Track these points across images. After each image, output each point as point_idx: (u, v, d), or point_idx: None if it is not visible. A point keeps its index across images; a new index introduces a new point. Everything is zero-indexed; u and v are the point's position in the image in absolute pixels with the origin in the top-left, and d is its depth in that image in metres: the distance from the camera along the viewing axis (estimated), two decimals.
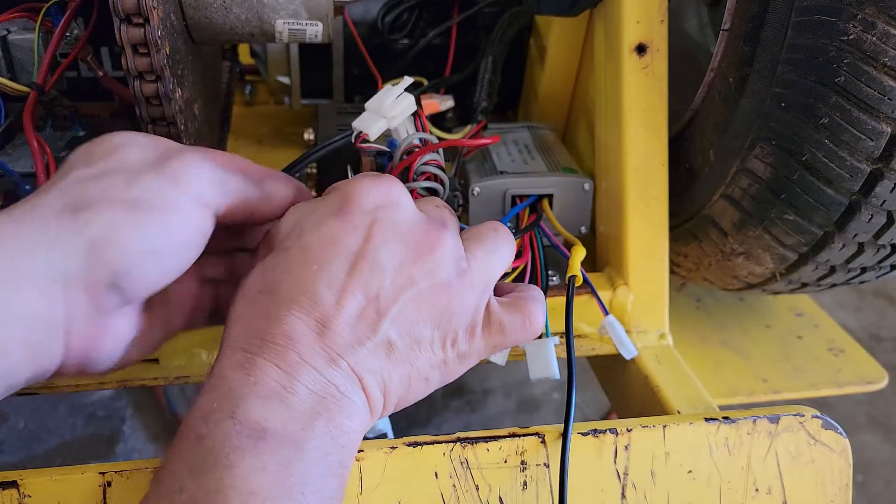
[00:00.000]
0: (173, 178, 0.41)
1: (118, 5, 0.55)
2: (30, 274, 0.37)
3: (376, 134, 0.59)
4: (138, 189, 0.40)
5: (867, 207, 0.61)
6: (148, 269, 0.40)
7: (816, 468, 0.57)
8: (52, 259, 0.37)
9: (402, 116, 0.61)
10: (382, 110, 0.60)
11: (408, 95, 0.60)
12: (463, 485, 0.53)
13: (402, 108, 0.60)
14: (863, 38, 0.55)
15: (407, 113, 0.61)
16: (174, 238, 0.40)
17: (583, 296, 0.69)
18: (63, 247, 0.38)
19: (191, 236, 0.41)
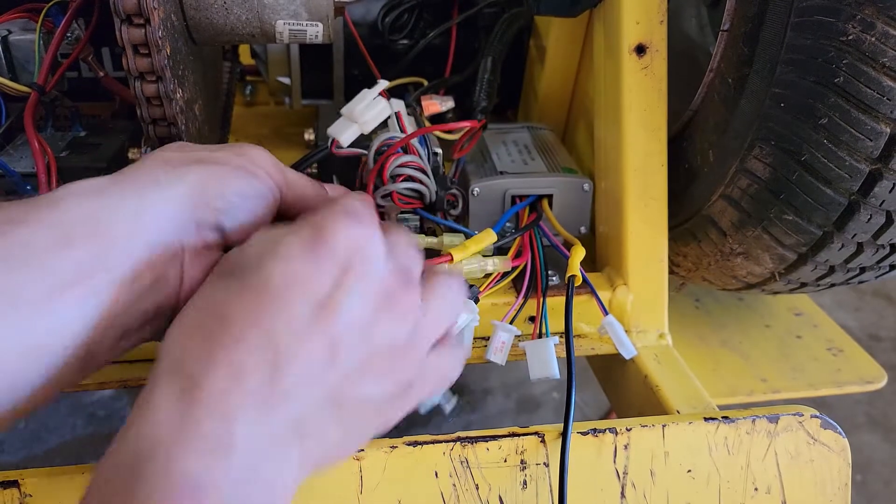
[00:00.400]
0: (246, 156, 0.46)
1: (119, 6, 0.55)
2: (150, 208, 0.41)
3: (348, 140, 0.60)
4: (218, 155, 0.45)
5: (866, 207, 0.61)
6: (239, 212, 0.45)
7: (815, 468, 0.57)
8: (166, 198, 0.42)
9: (375, 121, 0.61)
10: (354, 115, 0.60)
11: (381, 100, 0.61)
12: (463, 484, 0.53)
13: (375, 112, 0.60)
14: (862, 39, 0.55)
15: (381, 117, 0.61)
16: (253, 190, 0.45)
17: (582, 296, 0.69)
18: (172, 190, 0.42)
19: (264, 193, 0.46)
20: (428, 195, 0.66)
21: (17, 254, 0.37)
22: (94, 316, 0.39)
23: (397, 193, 0.64)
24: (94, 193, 0.41)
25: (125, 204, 0.41)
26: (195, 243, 0.43)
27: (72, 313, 0.38)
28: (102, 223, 0.39)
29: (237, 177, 0.45)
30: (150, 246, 0.41)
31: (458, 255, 0.64)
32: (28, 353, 0.37)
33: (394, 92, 0.88)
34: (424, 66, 0.96)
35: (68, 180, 0.66)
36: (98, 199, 0.40)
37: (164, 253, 0.42)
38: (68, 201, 0.40)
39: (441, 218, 0.68)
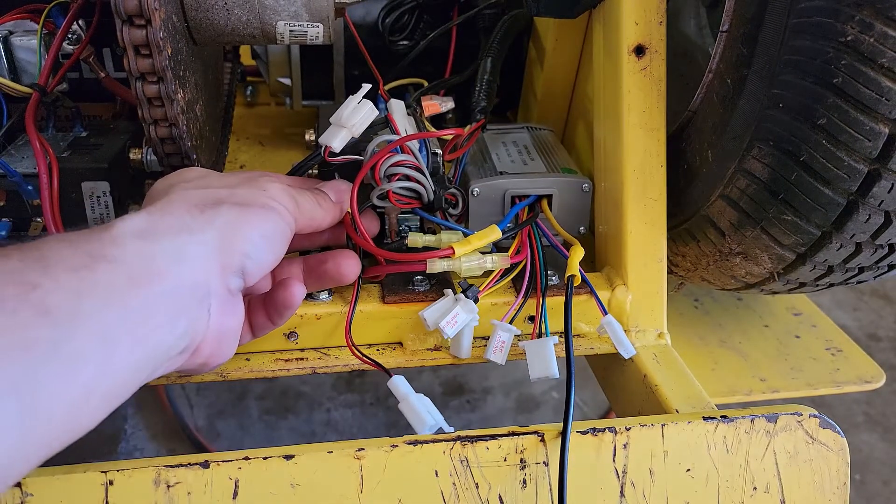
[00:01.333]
0: (261, 189, 0.50)
1: (120, 7, 0.55)
2: (183, 253, 0.44)
3: (340, 145, 0.61)
4: (240, 194, 0.49)
5: (865, 208, 0.61)
6: (262, 253, 0.48)
7: (814, 467, 0.58)
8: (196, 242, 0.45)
9: (363, 123, 0.61)
10: (342, 121, 0.61)
11: (366, 102, 0.61)
12: (463, 483, 0.54)
13: (362, 115, 0.61)
14: (860, 40, 0.55)
15: (368, 119, 0.62)
16: (275, 228, 0.49)
17: (582, 295, 0.69)
18: (201, 234, 0.45)
19: (284, 230, 0.50)
20: (425, 194, 0.66)
21: (103, 291, 0.40)
22: (144, 358, 0.42)
23: (393, 193, 0.64)
24: (145, 235, 0.44)
25: (167, 247, 0.44)
26: (218, 288, 0.46)
27: (130, 358, 0.41)
28: (159, 265, 0.43)
29: (261, 218, 0.48)
30: (190, 289, 0.44)
31: (459, 249, 0.64)
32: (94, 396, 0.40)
33: (394, 93, 0.88)
34: (424, 67, 0.96)
35: (69, 181, 0.67)
36: (151, 242, 0.43)
37: (196, 297, 0.44)
38: (129, 242, 0.43)
39: (441, 217, 0.68)
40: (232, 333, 0.50)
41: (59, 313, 0.37)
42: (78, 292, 0.38)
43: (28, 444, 0.35)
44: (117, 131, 0.76)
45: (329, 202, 0.58)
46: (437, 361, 0.68)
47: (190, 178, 0.51)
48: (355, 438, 0.55)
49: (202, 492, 0.51)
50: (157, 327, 0.42)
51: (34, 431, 0.35)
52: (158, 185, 0.51)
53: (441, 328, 0.62)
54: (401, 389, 0.59)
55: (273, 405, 1.54)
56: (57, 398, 0.36)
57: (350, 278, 0.62)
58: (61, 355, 0.36)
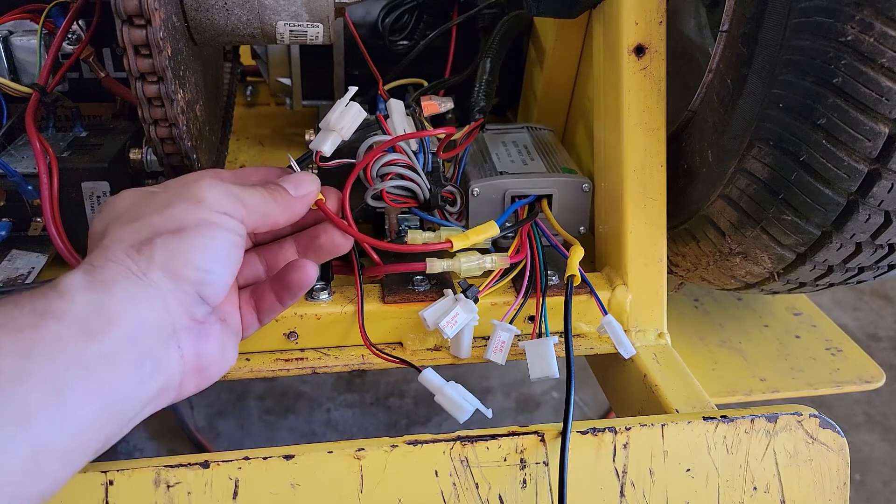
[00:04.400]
0: (196, 200, 0.47)
1: (120, 7, 0.55)
2: (135, 297, 0.43)
3: (330, 149, 0.61)
4: (174, 217, 0.46)
5: (865, 207, 0.61)
6: (216, 274, 0.47)
7: (814, 467, 0.58)
8: (145, 285, 0.44)
9: (352, 126, 0.61)
10: (331, 125, 0.61)
11: (353, 104, 0.61)
12: (463, 483, 0.54)
13: (350, 117, 0.61)
14: (860, 39, 0.55)
15: (357, 121, 0.62)
16: (220, 244, 0.47)
17: (581, 295, 0.69)
18: (146, 275, 0.44)
19: (231, 241, 0.48)
20: (420, 193, 0.66)
21: (52, 348, 0.39)
22: (106, 410, 0.41)
23: (387, 192, 0.64)
24: (93, 287, 0.43)
25: (117, 294, 0.43)
26: (184, 321, 0.46)
27: (89, 411, 0.40)
28: (111, 313, 0.42)
29: (202, 240, 0.46)
30: (145, 334, 0.43)
31: (458, 242, 0.64)
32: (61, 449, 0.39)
33: (394, 93, 0.88)
34: (424, 67, 0.96)
35: (69, 181, 0.67)
36: (100, 292, 0.42)
37: (159, 340, 0.44)
38: (77, 295, 0.42)
39: (439, 216, 0.68)
40: (216, 355, 0.49)
41: (5, 377, 0.36)
42: (25, 353, 0.38)
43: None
44: (117, 131, 0.76)
45: (286, 197, 0.54)
46: (437, 361, 0.68)
47: (120, 212, 0.48)
48: (355, 438, 0.55)
49: (202, 492, 0.51)
50: (120, 376, 0.41)
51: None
52: (94, 226, 0.49)
53: (441, 328, 0.62)
54: (434, 382, 0.60)
55: (273, 405, 1.54)
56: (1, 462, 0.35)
57: (345, 247, 0.60)
58: (5, 417, 0.36)
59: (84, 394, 0.39)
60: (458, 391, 0.59)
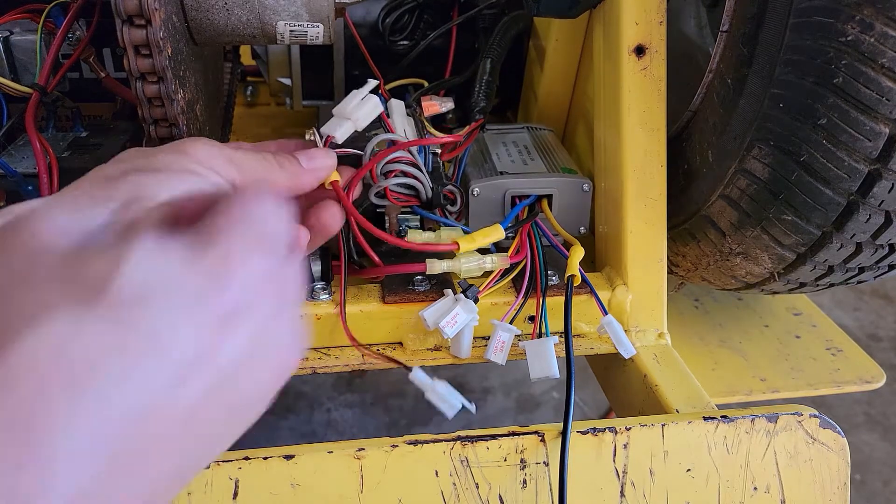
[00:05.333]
0: (183, 152, 0.45)
1: (120, 7, 0.55)
2: (85, 223, 0.39)
3: (343, 136, 0.60)
4: (156, 161, 0.44)
5: (865, 208, 0.61)
6: (177, 219, 0.42)
7: (814, 467, 0.58)
8: (100, 213, 0.40)
9: (368, 117, 0.61)
10: (347, 113, 0.60)
11: (372, 97, 0.61)
12: (463, 483, 0.54)
13: (367, 109, 0.61)
14: (861, 39, 0.55)
15: (374, 114, 0.61)
16: (191, 189, 0.43)
17: (582, 295, 0.69)
18: (105, 203, 0.41)
19: (207, 192, 0.44)
20: (423, 191, 0.66)
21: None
22: None
23: (391, 190, 0.64)
24: (50, 203, 0.39)
25: (66, 222, 0.39)
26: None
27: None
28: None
29: (173, 181, 0.43)
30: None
31: (464, 245, 0.64)
32: None
33: (394, 93, 0.88)
34: (424, 67, 0.96)
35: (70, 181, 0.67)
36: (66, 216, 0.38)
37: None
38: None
39: (439, 215, 0.68)
40: None
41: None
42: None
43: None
44: (117, 131, 0.76)
45: (294, 166, 0.51)
46: (437, 361, 0.68)
47: (119, 158, 0.46)
48: (355, 438, 0.55)
49: (202, 492, 0.51)
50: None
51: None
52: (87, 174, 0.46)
53: (441, 328, 0.62)
54: (424, 380, 0.60)
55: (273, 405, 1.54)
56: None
57: (336, 226, 0.56)
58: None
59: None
60: (448, 389, 0.59)
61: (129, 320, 0.30)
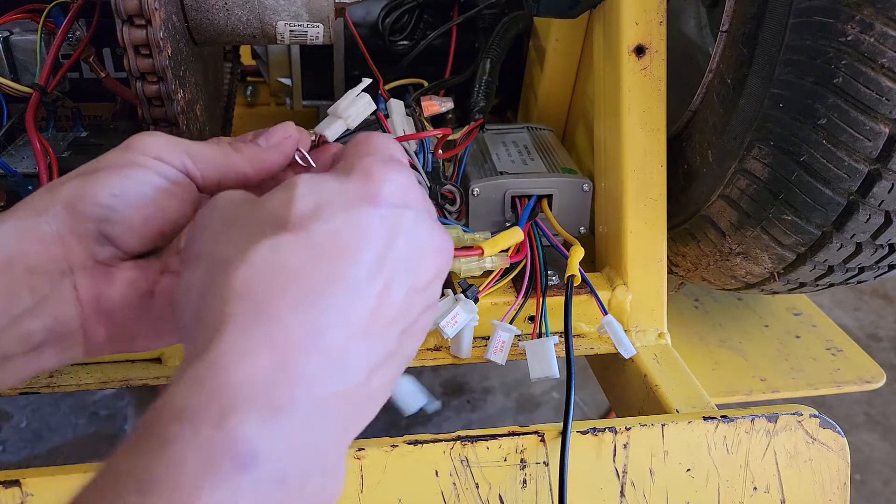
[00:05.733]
0: (127, 147, 0.44)
1: (120, 7, 0.55)
2: (27, 233, 0.41)
3: (334, 135, 0.60)
4: (99, 161, 0.44)
5: (865, 208, 0.61)
6: (123, 216, 0.42)
7: (814, 467, 0.58)
8: (43, 222, 0.41)
9: (360, 116, 0.61)
10: (339, 112, 0.60)
11: (364, 95, 0.61)
12: (463, 483, 0.54)
13: (359, 107, 0.61)
14: (861, 39, 0.55)
15: (365, 112, 0.61)
16: (136, 185, 0.43)
17: (582, 295, 0.69)
18: (47, 211, 0.41)
19: (154, 183, 0.43)
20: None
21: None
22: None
23: None
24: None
25: (6, 232, 0.40)
26: (83, 260, 0.42)
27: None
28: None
29: (112, 177, 0.42)
30: (30, 269, 0.40)
31: (488, 248, 0.64)
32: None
33: (394, 93, 0.88)
34: (424, 67, 0.96)
35: None
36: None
37: (46, 275, 0.41)
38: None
39: (438, 214, 0.68)
40: (123, 304, 0.45)
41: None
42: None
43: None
44: (117, 131, 0.76)
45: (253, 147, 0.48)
46: (437, 361, 0.68)
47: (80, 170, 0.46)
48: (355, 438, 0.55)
49: None
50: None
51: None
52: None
53: (441, 328, 0.62)
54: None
55: None
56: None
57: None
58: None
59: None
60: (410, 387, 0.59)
61: (315, 230, 0.35)
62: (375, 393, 0.36)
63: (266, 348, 0.31)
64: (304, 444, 0.31)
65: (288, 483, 0.30)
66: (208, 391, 0.30)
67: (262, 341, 0.31)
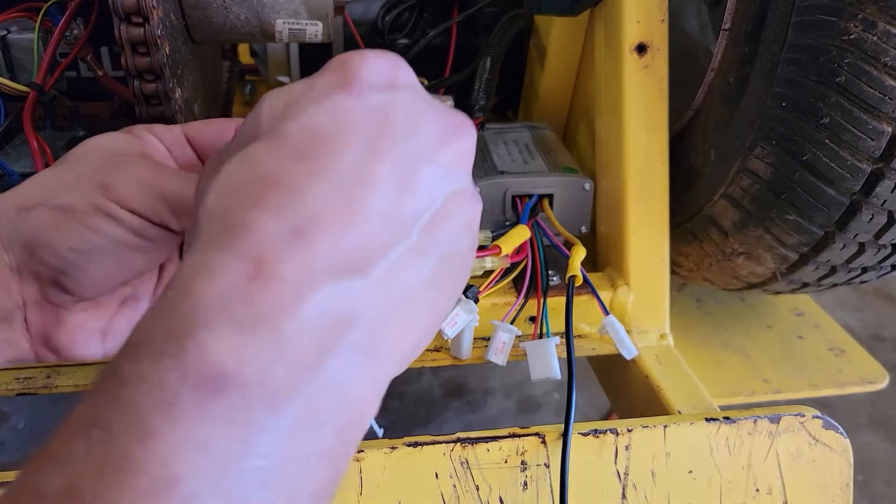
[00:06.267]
0: (103, 186, 0.39)
1: (118, 5, 0.55)
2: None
3: None
4: (72, 195, 0.39)
5: (868, 207, 0.61)
6: (83, 270, 0.40)
7: (817, 468, 0.57)
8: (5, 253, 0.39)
9: None
10: None
11: None
12: (463, 485, 0.53)
13: None
14: (864, 38, 0.55)
15: None
16: (101, 241, 0.39)
17: (583, 296, 0.69)
18: (10, 240, 0.39)
19: (123, 240, 0.40)
20: None
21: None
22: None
23: None
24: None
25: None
26: (35, 298, 0.41)
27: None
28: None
29: (77, 228, 0.39)
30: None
31: (505, 247, 0.64)
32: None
33: None
34: (424, 66, 0.96)
35: None
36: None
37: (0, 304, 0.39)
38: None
39: None
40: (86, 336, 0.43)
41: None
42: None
43: None
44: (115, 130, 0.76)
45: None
46: (438, 362, 0.67)
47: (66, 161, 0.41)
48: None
49: None
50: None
51: None
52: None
53: (441, 329, 0.61)
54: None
55: None
56: None
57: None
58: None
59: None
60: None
61: (285, 130, 0.29)
62: (403, 298, 0.29)
63: (233, 258, 0.26)
64: (299, 363, 0.25)
65: (281, 407, 0.25)
66: (169, 318, 0.25)
67: (229, 252, 0.26)
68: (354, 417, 0.28)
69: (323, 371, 0.26)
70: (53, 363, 0.43)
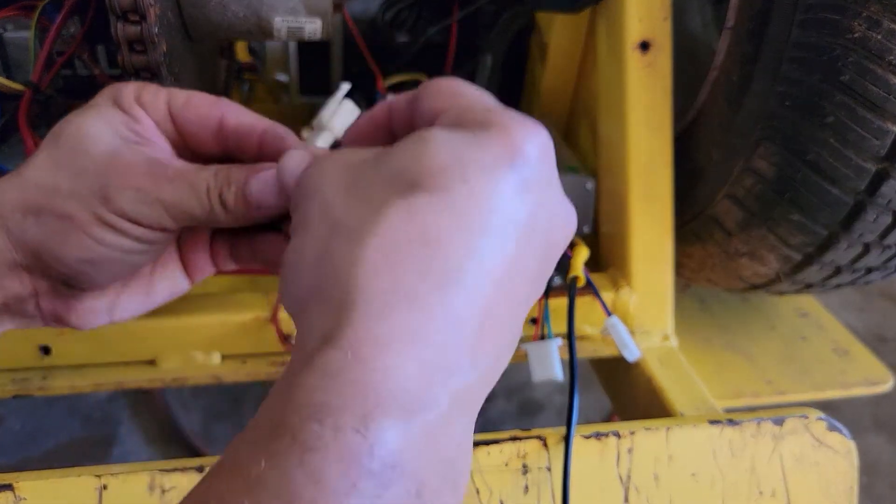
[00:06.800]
0: (104, 198, 0.40)
1: (114, 2, 0.55)
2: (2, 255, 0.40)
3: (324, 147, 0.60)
4: (75, 203, 0.40)
5: (873, 207, 0.60)
6: (90, 275, 0.42)
7: (821, 470, 0.57)
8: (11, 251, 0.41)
9: (345, 124, 0.60)
10: (324, 123, 0.60)
11: (347, 101, 0.60)
12: None
13: (343, 116, 0.60)
14: (868, 37, 0.55)
15: (351, 118, 0.61)
16: (107, 251, 0.41)
17: (585, 297, 0.69)
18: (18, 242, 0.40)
19: (128, 248, 0.41)
20: None
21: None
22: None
23: None
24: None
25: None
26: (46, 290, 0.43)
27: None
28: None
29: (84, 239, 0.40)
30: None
31: None
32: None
33: (394, 89, 0.88)
34: (424, 63, 0.95)
35: None
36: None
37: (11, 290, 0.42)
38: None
39: None
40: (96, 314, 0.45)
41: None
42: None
43: None
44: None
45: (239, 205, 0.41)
46: None
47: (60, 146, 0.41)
48: None
49: None
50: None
51: None
52: (47, 137, 0.42)
53: None
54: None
55: None
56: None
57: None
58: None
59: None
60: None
61: (455, 191, 0.30)
62: (491, 383, 0.31)
63: (409, 338, 0.27)
64: (439, 450, 0.27)
65: (424, 498, 0.26)
66: (349, 386, 0.26)
67: (405, 329, 0.27)
68: (462, 486, 0.30)
69: (461, 460, 0.29)
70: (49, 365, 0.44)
